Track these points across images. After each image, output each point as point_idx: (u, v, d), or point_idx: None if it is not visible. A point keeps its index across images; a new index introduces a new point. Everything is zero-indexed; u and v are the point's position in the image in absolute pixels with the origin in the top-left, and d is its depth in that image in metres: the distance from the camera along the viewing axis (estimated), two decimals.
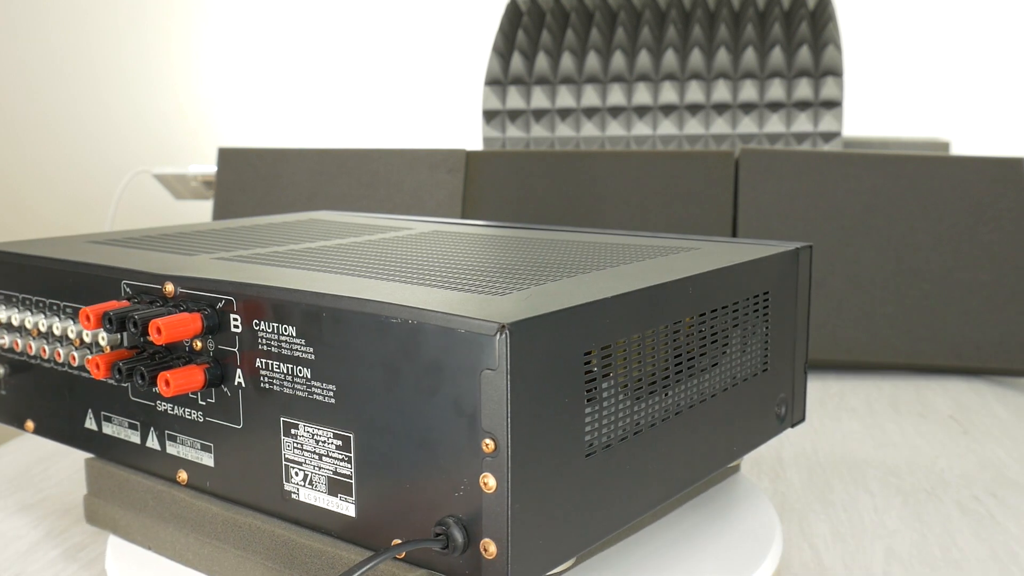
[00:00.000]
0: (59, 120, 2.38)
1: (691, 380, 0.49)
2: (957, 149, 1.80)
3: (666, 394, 0.47)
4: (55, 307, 0.54)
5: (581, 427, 0.41)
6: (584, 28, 1.40)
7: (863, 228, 1.02)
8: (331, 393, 0.43)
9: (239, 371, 0.46)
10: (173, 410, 0.50)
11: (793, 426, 0.60)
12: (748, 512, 0.56)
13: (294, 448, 0.45)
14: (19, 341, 0.56)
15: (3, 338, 0.57)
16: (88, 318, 0.47)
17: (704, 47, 1.35)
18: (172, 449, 0.50)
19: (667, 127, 1.34)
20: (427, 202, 1.10)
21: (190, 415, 0.49)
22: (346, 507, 0.43)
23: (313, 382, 0.43)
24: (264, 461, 0.46)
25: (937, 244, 1.01)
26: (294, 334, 0.44)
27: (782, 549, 0.54)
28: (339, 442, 0.43)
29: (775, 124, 1.32)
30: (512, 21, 1.42)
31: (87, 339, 0.52)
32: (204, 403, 0.48)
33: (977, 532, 0.61)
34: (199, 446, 0.49)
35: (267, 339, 0.45)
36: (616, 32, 1.38)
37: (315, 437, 0.44)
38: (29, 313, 0.55)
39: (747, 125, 1.32)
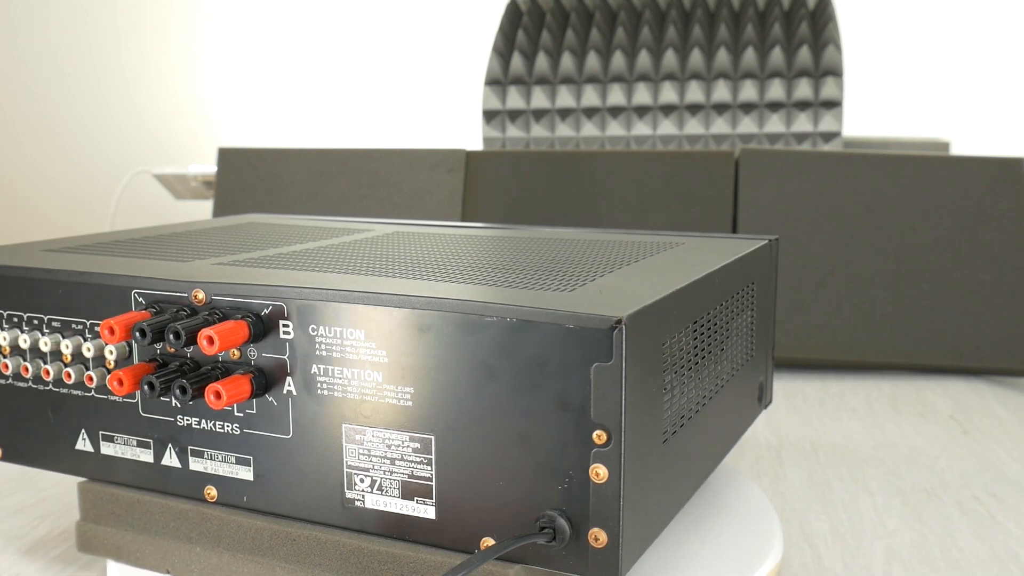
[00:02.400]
0: (59, 120, 2.38)
1: (716, 367, 0.51)
2: (957, 149, 1.80)
3: (704, 381, 0.49)
4: (36, 321, 0.50)
5: (660, 415, 0.42)
6: (584, 28, 1.40)
7: (863, 228, 1.02)
8: (408, 396, 0.42)
9: (289, 379, 0.44)
10: (200, 424, 0.47)
11: (765, 407, 0.64)
12: (748, 512, 0.56)
13: (359, 454, 0.43)
14: None
15: None
16: (112, 330, 0.44)
17: (704, 47, 1.35)
18: (197, 465, 0.48)
19: (667, 127, 1.34)
20: (427, 202, 1.10)
21: (223, 428, 0.47)
22: (424, 510, 0.43)
23: (386, 386, 0.42)
24: (319, 470, 0.45)
25: (937, 244, 1.01)
26: (362, 338, 0.42)
27: (782, 549, 0.54)
28: (417, 444, 0.42)
29: (775, 124, 1.32)
30: (512, 21, 1.42)
31: (88, 353, 0.48)
32: (242, 414, 0.46)
33: (977, 532, 0.61)
34: (234, 460, 0.47)
35: (327, 344, 0.43)
36: (616, 32, 1.38)
37: (386, 441, 0.43)
38: (1, 330, 0.51)
39: (747, 125, 1.32)
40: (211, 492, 0.48)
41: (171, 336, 0.44)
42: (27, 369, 0.50)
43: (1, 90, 2.39)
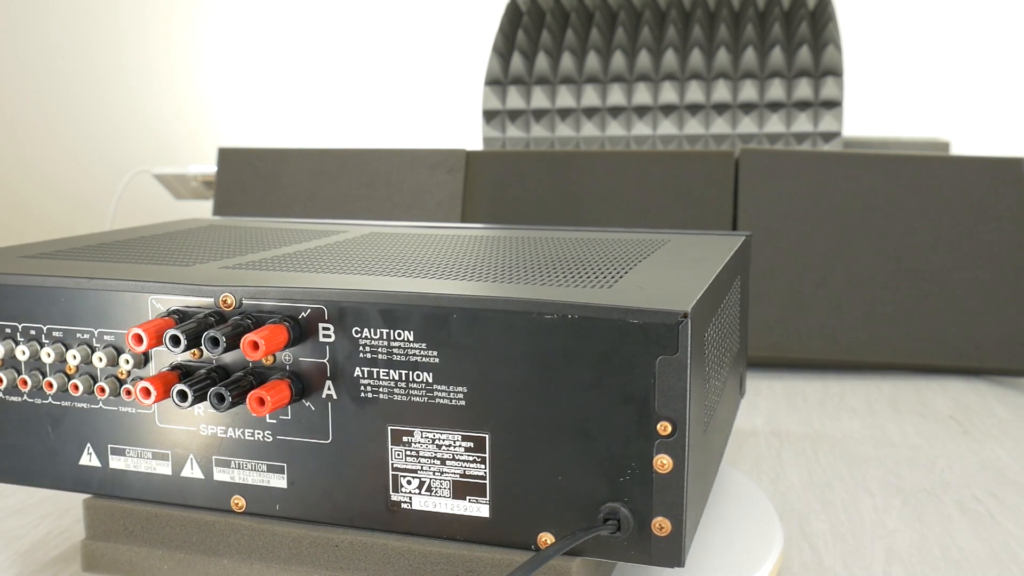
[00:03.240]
0: (59, 120, 2.38)
1: (725, 358, 0.53)
2: (957, 149, 1.80)
3: (721, 372, 0.51)
4: (32, 332, 0.48)
5: (703, 403, 0.44)
6: (584, 28, 1.40)
7: (863, 228, 1.02)
8: (460, 395, 0.42)
9: (329, 383, 0.44)
10: (227, 433, 0.46)
11: (742, 397, 0.67)
12: (748, 512, 0.56)
13: (406, 456, 0.43)
14: None
15: None
16: (139, 338, 0.43)
17: (704, 47, 1.35)
18: (223, 476, 0.46)
19: (667, 127, 1.34)
20: (427, 202, 1.10)
21: (253, 436, 0.45)
22: (477, 508, 0.43)
23: (436, 386, 0.42)
24: (362, 474, 0.44)
25: (937, 244, 1.01)
26: (411, 339, 0.42)
27: (782, 549, 0.54)
28: (470, 444, 0.42)
29: (775, 124, 1.32)
30: (512, 21, 1.42)
31: (99, 363, 0.46)
32: (275, 421, 0.45)
33: (977, 532, 0.61)
34: (265, 468, 0.46)
35: (372, 346, 0.43)
36: (616, 32, 1.38)
37: (436, 442, 0.43)
38: None
39: (747, 125, 1.32)
40: (239, 502, 0.46)
41: (208, 343, 0.42)
42: (25, 382, 0.48)
43: (1, 90, 2.39)
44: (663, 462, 0.40)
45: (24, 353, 0.48)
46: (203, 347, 0.43)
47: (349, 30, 2.24)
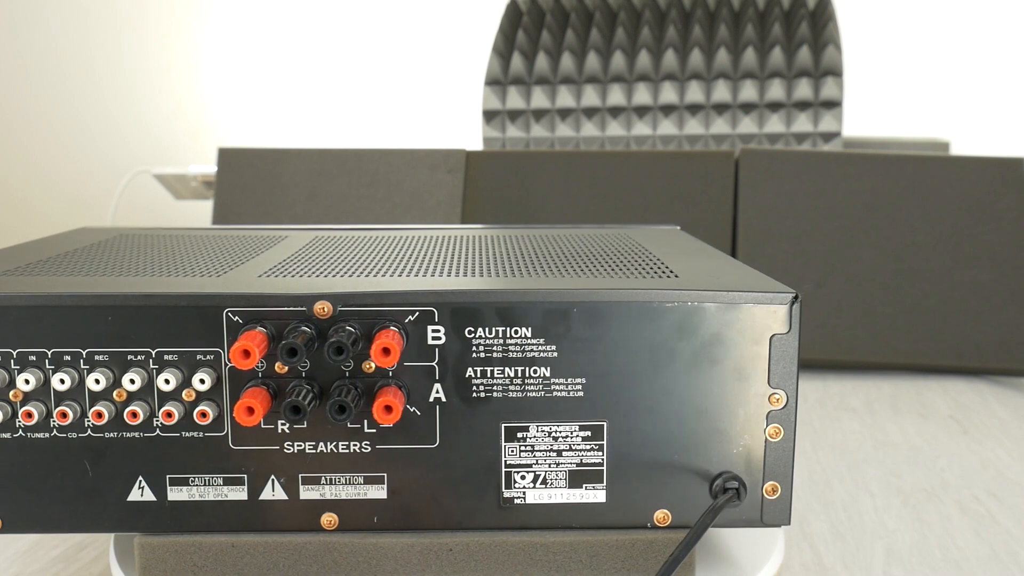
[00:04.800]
0: (59, 120, 2.38)
1: None
2: (957, 149, 1.80)
3: None
4: (67, 358, 0.43)
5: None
6: (584, 28, 1.40)
7: (863, 228, 1.02)
8: (579, 387, 0.44)
9: (437, 385, 0.43)
10: (316, 448, 0.44)
11: None
12: None
13: (521, 451, 0.44)
14: None
15: None
16: (247, 353, 0.40)
17: (704, 47, 1.35)
18: (311, 494, 0.44)
19: (667, 127, 1.34)
20: (427, 202, 1.10)
21: (348, 448, 0.44)
22: (594, 495, 0.44)
23: (554, 380, 0.44)
24: (472, 474, 0.44)
25: (937, 244, 1.01)
26: (529, 335, 0.43)
27: (782, 549, 0.54)
28: (587, 433, 0.44)
29: (775, 124, 1.32)
30: (512, 21, 1.42)
31: (166, 386, 0.43)
32: (373, 431, 0.44)
33: (977, 532, 0.61)
34: (362, 480, 0.44)
35: (486, 346, 0.43)
36: (616, 32, 1.38)
37: (552, 434, 0.44)
38: (9, 372, 0.43)
39: (747, 125, 1.32)
40: (330, 519, 0.45)
41: (331, 351, 0.41)
42: (65, 415, 0.43)
43: (1, 90, 2.39)
44: (775, 431, 0.43)
45: (63, 382, 0.43)
46: (327, 357, 0.42)
47: (349, 30, 2.24)
